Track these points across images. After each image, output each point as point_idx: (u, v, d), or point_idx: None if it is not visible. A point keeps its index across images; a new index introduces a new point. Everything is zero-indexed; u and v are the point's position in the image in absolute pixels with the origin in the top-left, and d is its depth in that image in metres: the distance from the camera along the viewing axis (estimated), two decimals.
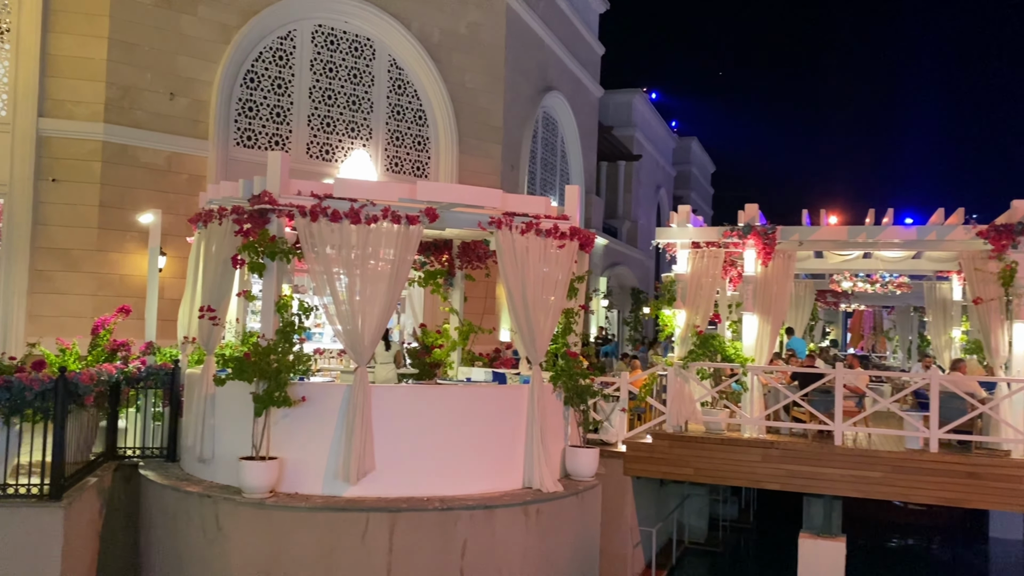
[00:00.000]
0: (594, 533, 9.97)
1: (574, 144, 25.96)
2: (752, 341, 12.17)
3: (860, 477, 10.99)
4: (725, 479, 12.03)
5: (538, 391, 9.33)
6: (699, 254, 12.66)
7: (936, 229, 11.77)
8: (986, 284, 11.26)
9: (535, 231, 9.34)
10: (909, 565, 15.00)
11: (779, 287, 12.15)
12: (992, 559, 15.25)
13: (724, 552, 14.70)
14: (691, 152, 47.85)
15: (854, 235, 12.05)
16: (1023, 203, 11.08)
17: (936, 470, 10.70)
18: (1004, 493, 10.47)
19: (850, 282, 15.84)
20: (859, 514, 16.44)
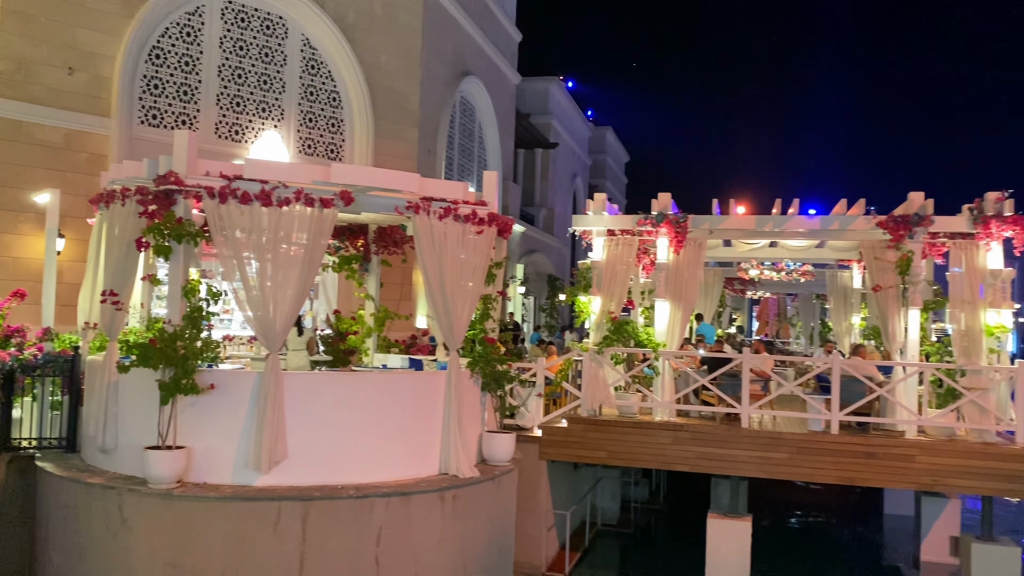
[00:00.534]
0: (510, 517, 10.03)
1: (492, 130, 25.94)
2: (664, 327, 12.42)
3: (765, 458, 11.39)
4: (637, 461, 12.30)
5: (455, 377, 9.31)
6: (614, 242, 12.85)
7: (839, 219, 12.25)
8: (884, 272, 11.78)
9: (453, 216, 9.29)
10: (810, 542, 15.64)
11: (690, 274, 12.42)
12: (886, 534, 16.04)
13: (635, 533, 15.03)
14: (606, 142, 48.45)
15: (761, 224, 12.43)
16: (919, 195, 11.63)
17: (836, 451, 11.18)
18: (898, 471, 11.02)
19: (757, 270, 16.37)
20: (764, 494, 17.06)
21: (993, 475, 10.72)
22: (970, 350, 11.33)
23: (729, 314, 32.91)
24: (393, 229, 11.95)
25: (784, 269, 15.91)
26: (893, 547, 15.19)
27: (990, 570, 10.78)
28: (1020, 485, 10.71)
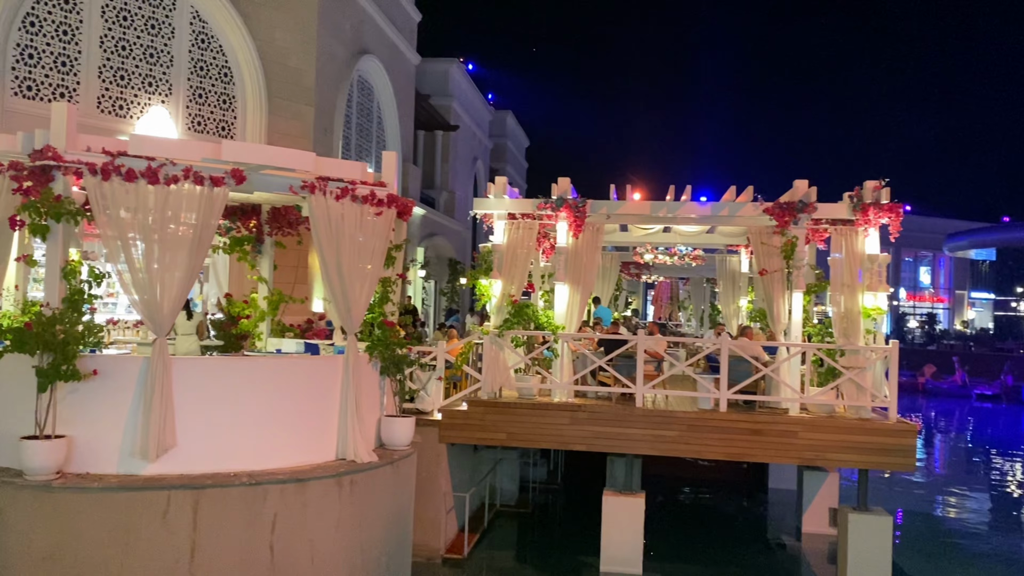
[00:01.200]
0: (408, 501, 10.00)
1: (391, 111, 25.58)
2: (563, 310, 12.59)
3: (658, 436, 11.74)
4: (536, 442, 12.45)
5: (353, 362, 9.18)
6: (515, 225, 12.92)
7: (728, 206, 12.68)
8: (770, 257, 12.28)
9: (351, 197, 9.11)
10: (699, 516, 16.24)
11: (588, 258, 12.62)
12: (771, 507, 16.82)
13: (533, 513, 15.26)
14: (507, 125, 48.54)
15: (656, 210, 12.74)
16: (804, 183, 12.15)
17: (724, 428, 11.63)
18: (782, 447, 11.56)
19: (652, 254, 16.78)
20: (657, 471, 17.61)
21: (868, 449, 11.38)
22: (849, 331, 11.95)
23: (625, 297, 33.66)
24: (288, 210, 11.64)
25: (677, 254, 16.38)
26: (777, 519, 15.96)
27: (864, 538, 11.45)
28: (893, 458, 11.41)
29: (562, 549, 13.30)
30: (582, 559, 12.38)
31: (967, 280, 75.03)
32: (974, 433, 31.61)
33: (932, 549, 14.38)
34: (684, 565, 12.81)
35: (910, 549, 14.05)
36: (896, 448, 11.30)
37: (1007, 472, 23.29)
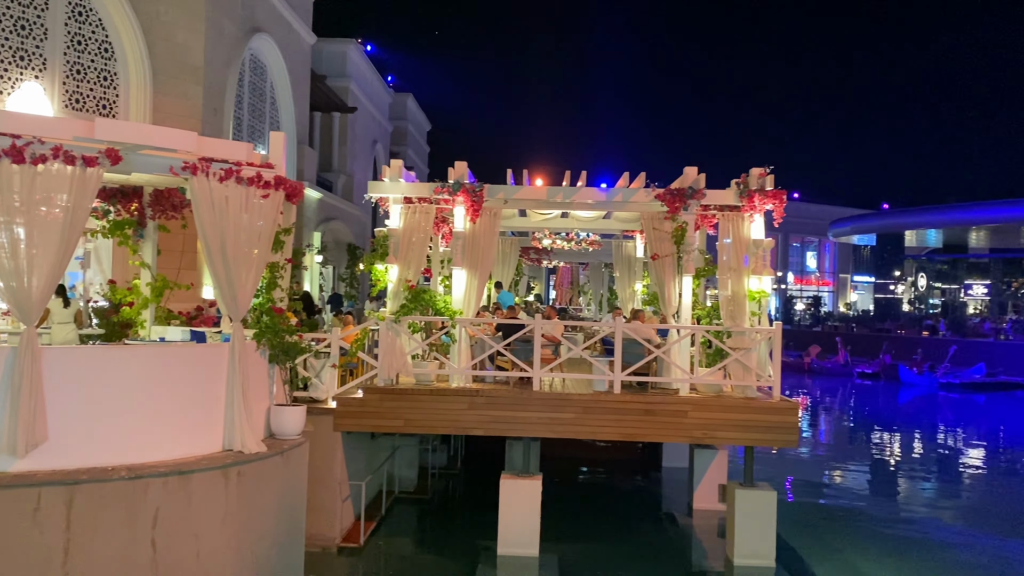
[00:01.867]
0: (300, 491, 9.79)
1: (285, 91, 24.89)
2: (461, 294, 12.55)
3: (554, 419, 11.87)
4: (434, 428, 12.40)
5: (239, 349, 8.89)
6: (411, 209, 12.77)
7: (622, 192, 12.89)
8: (662, 242, 12.56)
9: (236, 179, 8.78)
10: (596, 496, 16.55)
11: (486, 243, 12.61)
12: (664, 485, 17.30)
13: (433, 498, 15.22)
14: (407, 108, 48.01)
15: (552, 195, 12.82)
16: (693, 170, 12.46)
17: (619, 409, 11.86)
18: (673, 427, 11.87)
19: (550, 239, 16.93)
20: (557, 453, 17.83)
21: (754, 427, 11.81)
22: (736, 314, 12.37)
23: (527, 282, 33.92)
24: (171, 192, 11.16)
25: (574, 239, 16.58)
26: (670, 497, 16.42)
27: (750, 512, 11.89)
28: (776, 435, 11.88)
29: (461, 534, 13.31)
30: (480, 543, 12.43)
31: (850, 264, 78.97)
32: (855, 410, 33.36)
33: (815, 520, 15.08)
34: (580, 544, 13.02)
35: (795, 521, 14.68)
36: (779, 425, 11.77)
37: (885, 446, 24.69)
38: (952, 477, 20.38)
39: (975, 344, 44.21)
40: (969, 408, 33.57)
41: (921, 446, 24.82)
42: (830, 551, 13.09)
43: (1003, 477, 20.49)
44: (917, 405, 34.35)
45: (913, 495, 18.62)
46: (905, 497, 18.41)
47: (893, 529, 14.84)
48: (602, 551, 12.75)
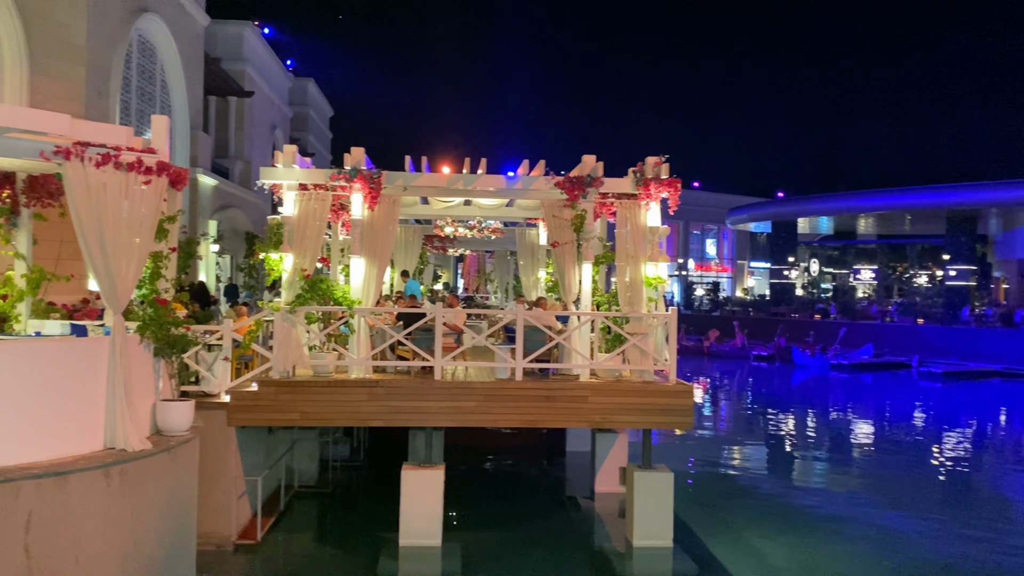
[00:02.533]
0: (190, 489, 9.43)
1: (176, 74, 23.90)
2: (360, 283, 12.31)
3: (456, 408, 11.81)
4: (332, 420, 12.16)
5: (120, 343, 8.46)
6: (306, 196, 12.43)
7: (522, 179, 12.89)
8: (562, 229, 12.63)
9: (114, 164, 8.33)
10: (501, 483, 16.62)
11: (385, 231, 12.40)
12: (568, 469, 17.49)
13: (334, 492, 14.96)
14: (308, 94, 46.91)
15: (453, 182, 12.71)
16: (591, 158, 12.56)
17: (520, 396, 11.89)
18: (574, 412, 11.99)
19: (452, 227, 16.81)
20: (462, 442, 17.81)
21: (651, 410, 12.05)
22: (633, 300, 12.55)
23: (434, 271, 33.71)
24: (47, 178, 10.50)
25: (476, 227, 16.52)
26: (573, 481, 16.62)
27: (648, 494, 12.14)
28: (673, 417, 12.16)
29: (363, 527, 13.12)
30: (383, 535, 12.28)
31: (747, 251, 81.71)
32: (752, 391, 34.55)
33: (712, 500, 15.52)
34: (483, 532, 13.03)
35: (694, 501, 15.09)
36: (676, 408, 12.04)
37: (780, 425, 25.65)
38: (843, 454, 21.34)
39: (863, 326, 46.45)
40: (858, 387, 35.25)
41: (814, 424, 25.92)
42: (726, 529, 13.50)
43: (890, 452, 21.60)
44: (809, 386, 35.85)
45: (806, 472, 19.42)
46: (798, 474, 19.18)
47: (786, 505, 15.43)
48: (505, 538, 12.80)
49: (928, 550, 12.78)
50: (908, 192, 51.46)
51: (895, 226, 61.78)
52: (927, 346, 41.92)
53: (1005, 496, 17.50)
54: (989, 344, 40.87)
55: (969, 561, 12.28)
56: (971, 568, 11.96)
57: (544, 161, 13.28)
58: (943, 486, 18.11)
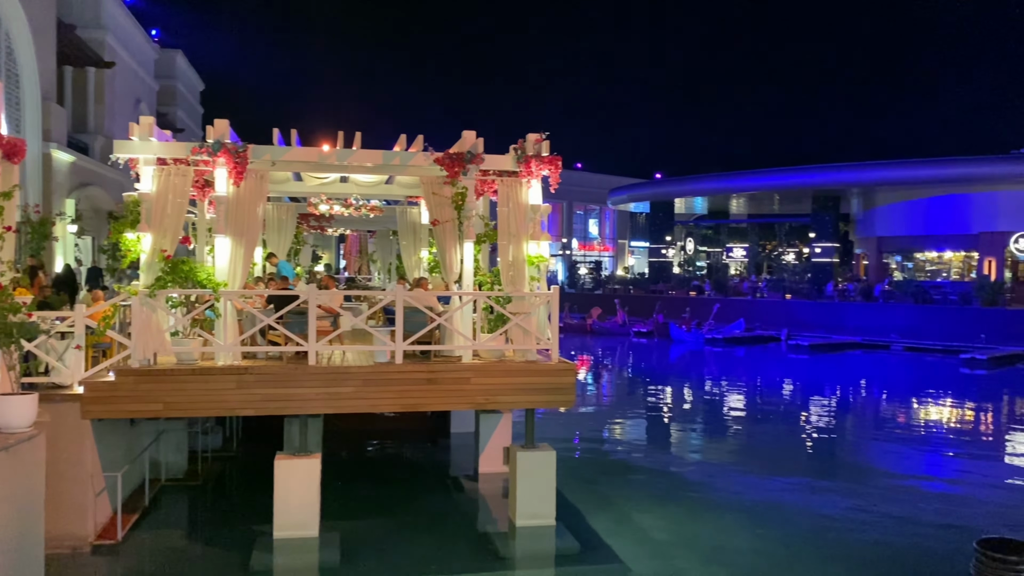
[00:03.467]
0: (35, 489, 8.63)
1: (24, 41, 22.02)
2: (225, 264, 11.60)
3: (333, 394, 11.34)
4: (198, 411, 11.49)
5: None
6: (165, 172, 11.57)
7: (399, 155, 12.44)
8: (442, 207, 12.29)
9: None
10: (384, 467, 16.25)
11: (252, 208, 11.71)
12: (453, 451, 17.30)
13: (205, 484, 14.18)
14: (176, 66, 44.52)
15: (325, 158, 12.12)
16: (471, 134, 12.24)
17: (400, 380, 11.54)
18: (455, 394, 11.75)
19: (327, 205, 16.15)
20: (346, 427, 17.33)
21: (534, 389, 11.95)
22: (516, 279, 12.37)
23: (313, 251, 32.68)
24: None
25: (352, 204, 15.92)
26: (458, 462, 16.44)
27: (531, 473, 12.05)
28: (556, 396, 12.11)
29: (235, 520, 12.48)
30: (257, 528, 11.72)
31: (628, 230, 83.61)
32: (632, 367, 35.35)
33: (594, 476, 15.65)
34: (364, 519, 12.64)
35: (577, 478, 15.17)
36: (558, 387, 12.00)
37: (659, 399, 26.29)
38: (718, 424, 22.07)
39: (736, 302, 48.30)
40: (731, 360, 36.62)
41: (690, 397, 26.71)
42: (606, 504, 13.62)
43: (762, 422, 22.48)
44: (686, 360, 36.98)
45: (684, 444, 19.94)
46: (677, 446, 19.68)
47: (666, 478, 15.76)
48: (387, 524, 12.47)
49: (798, 515, 13.29)
50: (776, 173, 53.72)
51: (765, 206, 64.47)
52: (795, 320, 43.99)
53: (868, 460, 18.48)
54: (851, 318, 43.28)
55: (837, 523, 12.84)
56: (839, 529, 12.50)
57: (422, 136, 12.87)
58: (811, 453, 18.97)
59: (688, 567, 10.91)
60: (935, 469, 17.59)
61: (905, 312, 42.36)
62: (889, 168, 48.62)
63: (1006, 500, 14.86)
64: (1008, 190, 45.93)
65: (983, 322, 38.89)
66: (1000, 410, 25.66)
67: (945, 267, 52.47)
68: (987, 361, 33.18)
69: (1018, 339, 36.95)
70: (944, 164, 46.65)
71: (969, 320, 39.72)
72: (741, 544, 11.84)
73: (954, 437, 20.91)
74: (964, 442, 20.26)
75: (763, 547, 11.76)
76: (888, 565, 11.09)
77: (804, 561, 11.26)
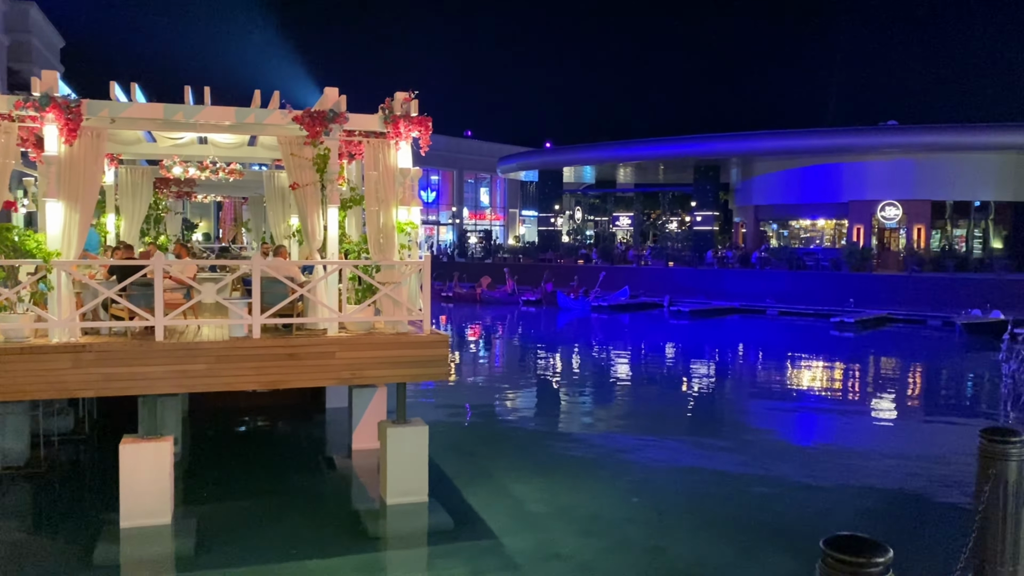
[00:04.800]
0: None
1: None
2: (58, 232, 10.49)
3: (183, 372, 10.48)
4: (31, 393, 10.37)
5: None
6: None
7: (254, 112, 11.53)
8: (302, 170, 11.49)
9: None
10: (253, 446, 15.44)
11: (88, 170, 10.60)
12: (328, 427, 16.61)
13: (49, 472, 13.03)
14: (30, 19, 41.02)
15: (171, 113, 11.09)
16: (334, 91, 11.47)
17: (258, 356, 10.77)
18: (319, 369, 11.07)
19: (180, 167, 14.99)
20: (216, 404, 16.38)
21: (404, 363, 11.40)
22: (385, 247, 11.75)
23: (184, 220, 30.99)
24: None
25: (209, 167, 14.83)
26: (332, 439, 15.78)
27: (401, 449, 11.56)
28: (428, 369, 11.58)
29: (81, 510, 11.50)
30: (104, 517, 10.80)
31: (519, 200, 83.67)
32: (521, 335, 35.27)
33: (474, 447, 15.30)
34: (225, 503, 11.88)
35: (456, 451, 14.80)
36: (430, 359, 11.49)
37: (544, 367, 26.23)
38: (601, 391, 22.16)
39: (621, 270, 49.02)
40: (616, 327, 37.11)
41: (576, 364, 26.81)
42: (485, 476, 13.29)
43: (642, 386, 22.73)
44: (573, 327, 37.23)
45: (567, 412, 19.88)
46: (560, 414, 19.59)
47: (546, 447, 15.57)
48: (252, 506, 11.76)
49: (675, 481, 13.33)
50: (659, 143, 54.59)
51: (651, 176, 65.58)
52: (677, 287, 44.99)
53: (746, 421, 18.91)
54: (730, 284, 44.60)
55: (713, 487, 12.95)
56: (715, 496, 12.58)
57: (279, 92, 12.00)
58: (691, 416, 19.24)
59: (562, 539, 10.69)
60: (806, 429, 18.15)
61: (780, 278, 43.96)
62: (765, 138, 50.15)
63: (869, 454, 15.42)
64: (876, 160, 48.14)
65: (852, 287, 40.75)
66: (866, 370, 26.89)
67: (818, 234, 54.74)
68: (855, 324, 34.77)
69: (883, 302, 38.94)
70: (816, 135, 48.45)
71: (839, 285, 41.55)
72: (617, 513, 11.73)
73: (825, 396, 21.69)
74: (833, 401, 21.04)
75: (638, 515, 11.69)
76: (759, 529, 11.20)
77: (678, 529, 11.24)
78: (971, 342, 30.71)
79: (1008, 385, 21.30)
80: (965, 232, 50.39)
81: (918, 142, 46.23)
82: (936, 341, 32.21)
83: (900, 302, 38.76)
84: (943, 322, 34.93)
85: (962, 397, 22.79)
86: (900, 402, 21.33)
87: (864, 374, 26.06)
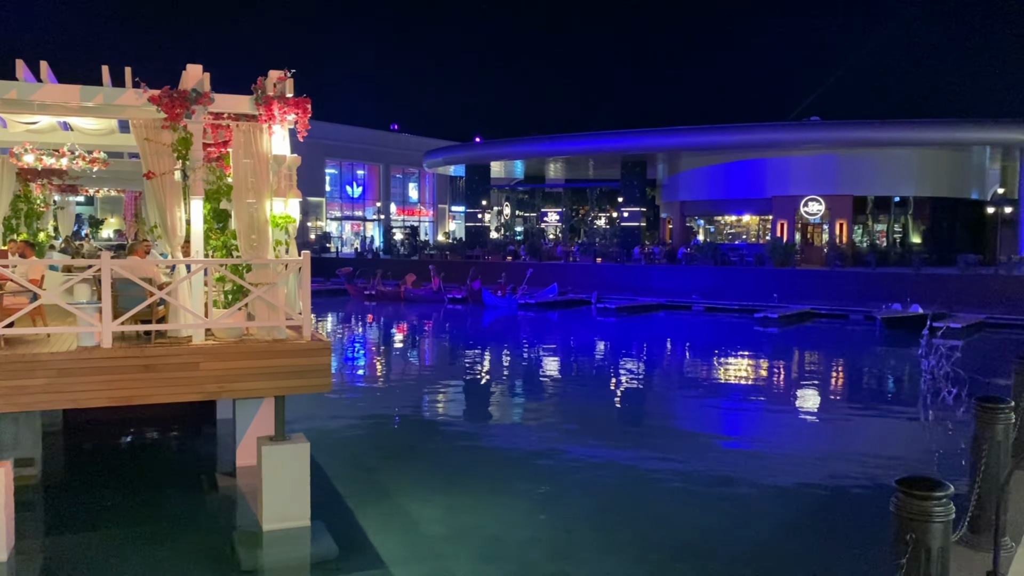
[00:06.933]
0: None
1: None
2: None
3: (18, 388, 9.08)
4: None
5: None
6: None
7: (104, 91, 10.16)
8: (160, 157, 10.15)
9: None
10: (133, 463, 14.05)
11: None
12: (217, 441, 15.24)
13: None
14: None
15: (3, 91, 9.66)
16: (197, 69, 10.17)
17: (108, 368, 9.43)
18: (181, 382, 9.78)
19: (32, 155, 13.42)
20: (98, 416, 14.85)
21: (281, 373, 10.19)
22: (258, 243, 10.52)
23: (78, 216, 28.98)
24: None
25: (66, 155, 13.31)
26: (220, 455, 14.44)
27: (279, 469, 10.37)
28: (308, 380, 10.38)
29: None
30: None
31: (448, 195, 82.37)
32: (444, 335, 34.11)
33: (373, 462, 14.15)
34: (81, 534, 10.47)
35: (353, 465, 13.71)
36: (310, 369, 10.31)
37: (464, 369, 25.14)
38: (521, 393, 21.20)
39: (549, 266, 48.23)
40: (543, 325, 36.26)
41: (496, 366, 25.77)
42: (381, 495, 12.18)
43: (566, 387, 21.90)
44: (497, 326, 36.25)
45: (485, 417, 18.86)
46: (474, 420, 18.52)
47: (452, 458, 14.53)
48: (114, 535, 10.45)
49: (587, 493, 12.40)
50: (584, 138, 54.03)
51: (580, 171, 65.08)
52: (605, 284, 44.41)
53: (667, 421, 18.17)
54: (657, 280, 44.22)
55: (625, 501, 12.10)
56: (625, 510, 11.73)
57: (130, 69, 10.63)
58: (612, 419, 18.42)
59: (456, 567, 9.68)
60: (726, 428, 17.52)
61: (705, 274, 43.77)
62: (689, 134, 49.99)
63: (788, 454, 14.84)
64: (799, 156, 48.43)
65: (775, 282, 40.76)
66: (789, 367, 26.59)
67: (744, 230, 54.95)
68: (778, 319, 34.64)
69: (807, 297, 39.01)
70: (740, 131, 48.49)
71: (763, 280, 41.54)
72: (521, 534, 10.74)
73: (746, 394, 21.16)
74: (754, 399, 20.52)
75: (544, 534, 10.74)
76: (671, 547, 10.36)
77: (585, 549, 10.32)
78: (891, 336, 30.79)
79: (927, 381, 21.11)
80: (886, 227, 51.15)
81: (840, 137, 46.66)
82: (857, 336, 32.25)
83: (823, 297, 38.89)
84: (865, 316, 35.08)
85: (883, 393, 22.57)
86: (821, 399, 20.95)
87: (787, 371, 25.76)
